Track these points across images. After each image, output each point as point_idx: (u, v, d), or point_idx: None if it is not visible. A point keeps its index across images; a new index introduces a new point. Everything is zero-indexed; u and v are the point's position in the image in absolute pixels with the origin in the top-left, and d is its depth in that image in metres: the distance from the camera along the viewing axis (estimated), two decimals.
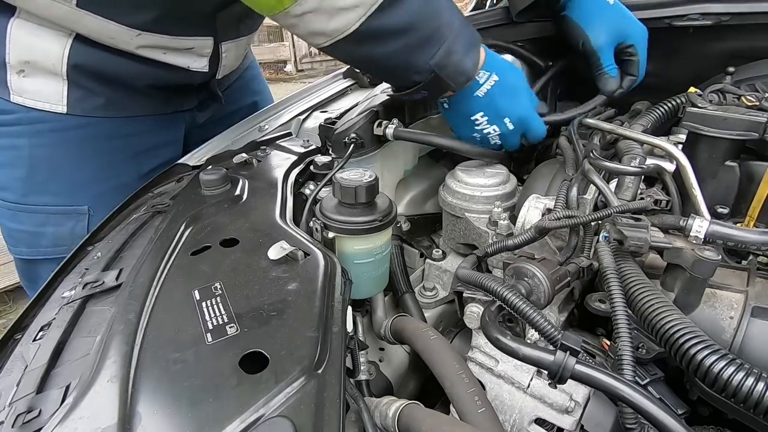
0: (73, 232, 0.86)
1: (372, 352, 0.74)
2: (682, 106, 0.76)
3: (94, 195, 0.86)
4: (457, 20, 0.64)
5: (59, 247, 0.87)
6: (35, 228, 0.86)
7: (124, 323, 0.42)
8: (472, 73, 0.68)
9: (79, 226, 0.86)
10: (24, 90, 0.78)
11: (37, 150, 0.82)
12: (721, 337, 0.50)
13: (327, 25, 0.59)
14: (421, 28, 0.60)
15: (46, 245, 0.87)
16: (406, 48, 0.61)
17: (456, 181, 0.79)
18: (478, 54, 0.69)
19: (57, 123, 0.81)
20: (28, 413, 0.37)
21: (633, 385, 0.41)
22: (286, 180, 0.70)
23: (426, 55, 0.62)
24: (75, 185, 0.86)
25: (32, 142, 0.81)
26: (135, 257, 0.55)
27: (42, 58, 0.76)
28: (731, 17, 0.79)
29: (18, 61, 0.76)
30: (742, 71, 0.81)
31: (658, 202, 0.63)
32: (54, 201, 0.85)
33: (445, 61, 0.63)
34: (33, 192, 0.84)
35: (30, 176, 0.83)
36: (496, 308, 0.52)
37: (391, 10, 0.58)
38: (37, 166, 0.83)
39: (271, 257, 0.49)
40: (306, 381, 0.36)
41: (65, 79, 0.79)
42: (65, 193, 0.85)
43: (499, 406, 0.61)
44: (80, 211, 0.86)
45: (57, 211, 0.86)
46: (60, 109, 0.80)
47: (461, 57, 0.65)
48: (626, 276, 0.51)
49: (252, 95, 1.18)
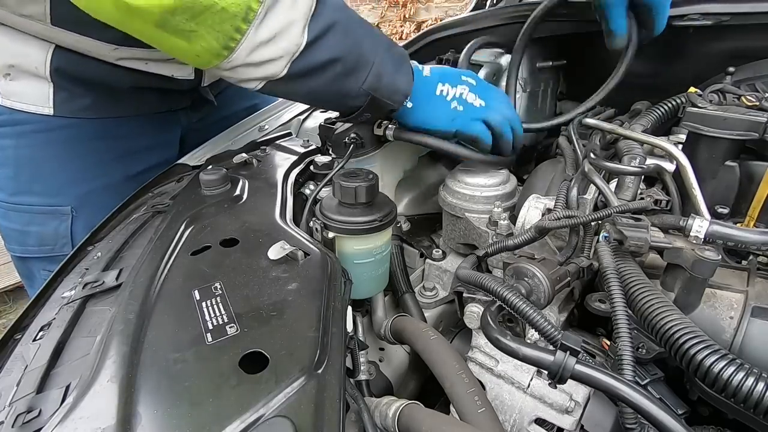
0: (57, 232, 0.87)
1: (372, 352, 0.74)
2: (682, 106, 0.76)
3: (78, 195, 0.87)
4: (382, 45, 0.67)
5: (45, 246, 0.88)
6: (23, 227, 0.87)
7: (124, 323, 0.42)
8: (407, 90, 0.69)
9: (62, 226, 0.87)
10: (11, 93, 0.79)
11: (22, 150, 0.83)
12: (721, 337, 0.50)
13: (256, 73, 0.62)
14: (344, 59, 0.63)
15: (33, 244, 0.88)
16: (335, 79, 0.64)
17: (456, 181, 0.79)
18: (409, 70, 0.70)
19: (41, 124, 0.81)
20: (28, 413, 0.37)
21: (633, 385, 0.41)
22: (286, 180, 0.70)
23: (356, 81, 0.65)
24: (58, 185, 0.86)
25: (17, 143, 0.82)
26: (135, 257, 0.55)
27: (25, 62, 0.77)
28: (731, 17, 0.79)
29: (3, 64, 0.76)
30: (742, 71, 0.81)
31: (658, 202, 0.63)
32: (38, 201, 0.86)
33: (376, 83, 0.66)
34: (19, 192, 0.85)
35: (16, 176, 0.84)
36: (496, 308, 0.52)
37: (312, 51, 0.61)
38: (22, 166, 0.84)
39: (271, 257, 0.49)
40: (306, 381, 0.36)
41: (51, 82, 0.79)
42: (48, 193, 0.86)
43: (499, 406, 0.61)
44: (63, 212, 0.87)
45: (41, 210, 0.86)
46: (47, 111, 0.81)
47: (392, 77, 0.67)
48: (626, 276, 0.51)
49: (249, 99, 1.17)
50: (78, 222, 0.87)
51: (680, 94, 0.78)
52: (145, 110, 0.92)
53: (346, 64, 0.64)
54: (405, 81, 0.69)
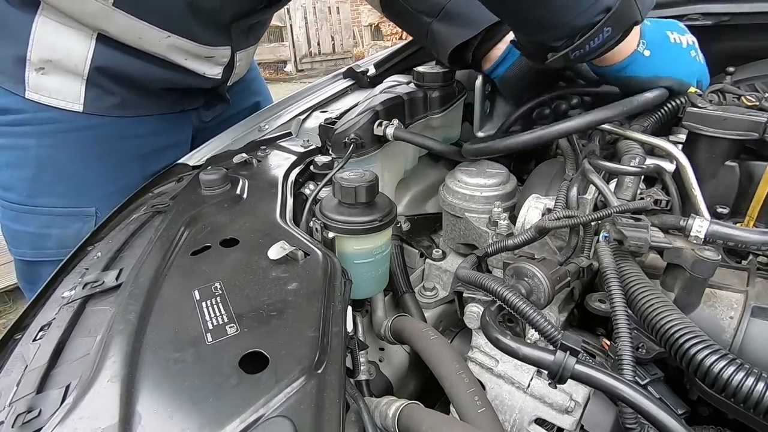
0: (79, 234, 0.85)
1: (372, 352, 0.74)
2: (682, 106, 0.76)
3: (101, 196, 0.86)
4: None
5: (64, 249, 0.85)
6: (40, 230, 0.85)
7: (124, 323, 0.42)
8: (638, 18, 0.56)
9: (86, 227, 0.86)
10: (41, 87, 0.78)
11: (45, 150, 0.82)
12: (721, 337, 0.50)
13: None
14: None
15: (51, 247, 0.86)
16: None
17: (456, 181, 0.79)
18: None
19: (65, 124, 0.81)
20: (28, 413, 0.37)
21: (633, 385, 0.41)
22: (286, 180, 0.70)
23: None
24: (82, 186, 0.85)
25: (40, 143, 0.81)
26: (135, 257, 0.55)
27: (65, 58, 0.76)
28: (731, 17, 0.79)
29: (39, 59, 0.76)
30: (742, 71, 0.81)
31: (658, 202, 0.63)
32: (60, 202, 0.84)
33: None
34: (39, 193, 0.83)
35: (37, 177, 0.82)
36: (496, 308, 0.52)
37: None
38: (44, 166, 0.82)
39: (271, 257, 0.49)
40: (306, 381, 0.36)
41: (85, 79, 0.79)
42: (72, 195, 0.85)
43: (499, 406, 0.61)
44: (87, 213, 0.86)
45: (63, 212, 0.85)
46: (77, 107, 0.80)
47: None
48: (626, 276, 0.51)
49: (253, 96, 1.19)
50: None
51: None
52: (165, 109, 0.92)
53: None
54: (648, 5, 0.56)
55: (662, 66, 0.62)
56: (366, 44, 8.50)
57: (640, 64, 0.62)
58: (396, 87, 0.86)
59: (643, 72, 0.63)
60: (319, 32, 8.41)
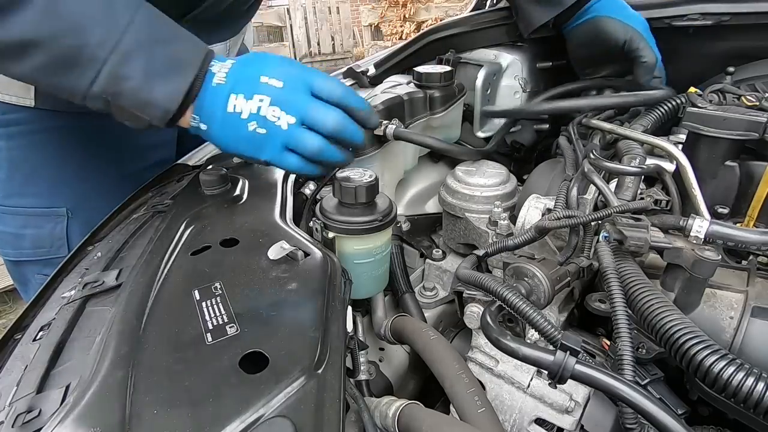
0: (53, 234, 0.85)
1: (372, 352, 0.74)
2: (682, 106, 0.76)
3: (73, 196, 0.85)
4: (133, 37, 0.51)
5: (40, 249, 0.86)
6: (17, 230, 0.85)
7: (124, 323, 0.42)
8: (169, 105, 0.53)
9: (58, 228, 0.85)
10: None
11: (14, 152, 0.81)
12: (721, 337, 0.50)
13: None
14: (49, 46, 0.49)
15: (27, 247, 0.86)
16: (43, 69, 0.51)
17: (456, 181, 0.79)
18: (188, 76, 0.53)
19: (33, 124, 0.80)
20: (28, 413, 0.37)
21: (633, 385, 0.41)
22: (286, 180, 0.70)
23: (81, 80, 0.51)
24: (53, 186, 0.84)
25: (9, 144, 0.81)
26: (135, 257, 0.55)
27: None
28: (731, 17, 0.79)
29: None
30: (742, 71, 0.81)
31: (658, 202, 0.63)
32: (32, 203, 0.84)
33: (114, 88, 0.51)
34: (13, 194, 0.84)
35: (10, 178, 0.82)
36: (496, 308, 0.52)
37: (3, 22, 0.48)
38: (15, 168, 0.82)
39: (271, 257, 0.49)
40: (306, 381, 0.36)
41: None
42: (43, 195, 0.84)
43: (499, 406, 0.61)
44: (58, 213, 0.85)
45: (36, 212, 0.84)
46: (28, 102, 0.78)
47: (143, 83, 0.51)
48: (626, 276, 0.51)
49: None
50: (74, 223, 0.86)
51: (680, 94, 0.78)
52: None
53: (53, 53, 0.49)
54: (168, 91, 0.52)
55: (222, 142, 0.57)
56: (366, 44, 8.49)
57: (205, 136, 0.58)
58: (396, 87, 0.86)
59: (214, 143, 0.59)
60: (319, 32, 8.40)
